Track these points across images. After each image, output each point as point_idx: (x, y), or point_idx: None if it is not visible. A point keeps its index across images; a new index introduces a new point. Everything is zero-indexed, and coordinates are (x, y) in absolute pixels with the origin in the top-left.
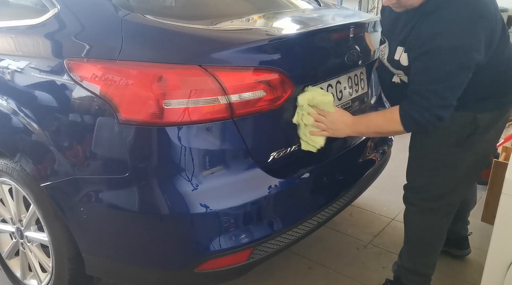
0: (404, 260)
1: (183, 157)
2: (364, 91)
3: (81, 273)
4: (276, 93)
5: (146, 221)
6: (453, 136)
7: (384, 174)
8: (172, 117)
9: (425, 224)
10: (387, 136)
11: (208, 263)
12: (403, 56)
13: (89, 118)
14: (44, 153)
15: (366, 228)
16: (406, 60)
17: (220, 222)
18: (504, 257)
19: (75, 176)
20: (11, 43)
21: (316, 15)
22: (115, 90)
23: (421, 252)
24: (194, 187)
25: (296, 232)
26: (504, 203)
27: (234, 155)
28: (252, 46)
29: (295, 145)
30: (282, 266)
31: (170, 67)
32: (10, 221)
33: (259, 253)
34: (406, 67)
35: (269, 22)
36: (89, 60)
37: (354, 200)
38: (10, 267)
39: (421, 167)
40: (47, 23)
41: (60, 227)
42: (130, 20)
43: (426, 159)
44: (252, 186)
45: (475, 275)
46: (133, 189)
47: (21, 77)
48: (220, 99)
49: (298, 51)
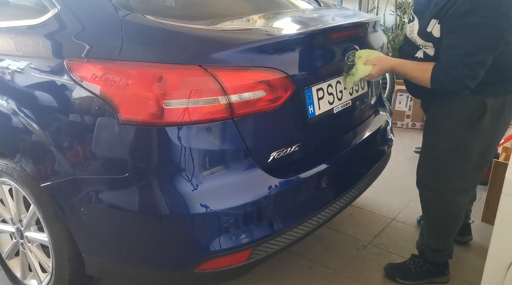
0: (426, 238)
1: (183, 157)
2: (364, 91)
3: (81, 273)
4: (276, 93)
5: (146, 221)
6: (464, 119)
7: (384, 174)
8: (172, 117)
9: (442, 209)
10: (389, 135)
11: (208, 263)
12: (435, 28)
13: (89, 118)
14: (44, 153)
15: (366, 228)
16: (438, 32)
17: (220, 222)
18: (504, 257)
19: (75, 176)
20: (11, 43)
21: (316, 15)
22: (115, 90)
23: (438, 233)
24: (194, 187)
25: (296, 232)
26: (504, 203)
27: (234, 155)
28: (252, 46)
29: (295, 144)
30: (282, 266)
31: (170, 67)
32: (10, 221)
33: (259, 253)
34: (437, 39)
35: (269, 22)
36: (89, 60)
37: (354, 200)
38: (10, 267)
39: (434, 148)
40: (47, 23)
41: (60, 227)
42: (130, 20)
43: (440, 140)
44: (252, 186)
45: (475, 275)
46: (133, 189)
47: (21, 78)
48: (220, 100)
49: (298, 51)
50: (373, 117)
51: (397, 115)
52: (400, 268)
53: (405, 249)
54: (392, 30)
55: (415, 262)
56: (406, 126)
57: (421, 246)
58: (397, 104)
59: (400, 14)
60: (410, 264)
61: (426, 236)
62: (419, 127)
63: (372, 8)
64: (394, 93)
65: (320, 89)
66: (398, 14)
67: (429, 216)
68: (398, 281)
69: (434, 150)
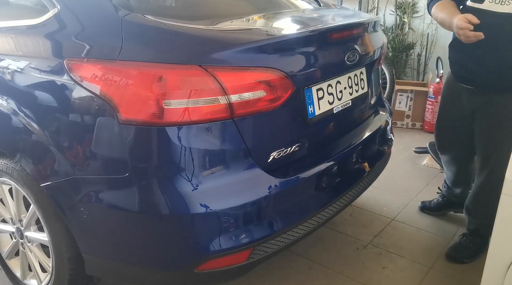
0: (483, 218)
1: (183, 157)
2: (364, 91)
3: (81, 273)
4: (276, 93)
5: (146, 221)
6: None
7: (384, 174)
8: (172, 117)
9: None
10: (389, 135)
11: (208, 263)
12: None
13: (89, 118)
14: (44, 153)
15: (366, 228)
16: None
17: (220, 222)
18: (504, 257)
19: (75, 176)
20: (11, 43)
21: (316, 15)
22: (115, 90)
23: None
24: (194, 187)
25: (296, 232)
26: (504, 203)
27: (234, 155)
28: (252, 46)
29: (295, 144)
30: (282, 266)
31: (170, 67)
32: (10, 221)
33: (259, 253)
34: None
35: (269, 22)
36: (89, 60)
37: (354, 200)
38: (10, 267)
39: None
40: (47, 23)
41: (60, 227)
42: (130, 20)
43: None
44: (252, 186)
45: (475, 275)
46: (133, 189)
47: (21, 77)
48: (220, 100)
49: (298, 51)
50: (373, 117)
51: (397, 115)
52: (461, 250)
53: (405, 249)
54: (392, 30)
55: (470, 240)
56: (406, 126)
57: (477, 226)
58: (397, 104)
59: (400, 14)
60: (466, 242)
61: (483, 216)
62: (419, 127)
63: (372, 8)
64: (394, 93)
65: (320, 89)
66: (398, 14)
67: (493, 198)
68: (465, 262)
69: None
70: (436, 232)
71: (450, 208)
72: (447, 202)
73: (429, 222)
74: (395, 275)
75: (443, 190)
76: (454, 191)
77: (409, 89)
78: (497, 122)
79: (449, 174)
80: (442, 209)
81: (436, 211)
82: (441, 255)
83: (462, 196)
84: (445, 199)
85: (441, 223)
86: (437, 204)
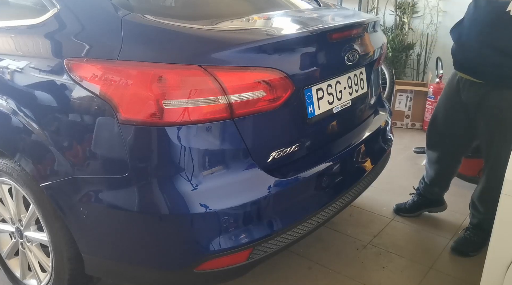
0: (487, 213)
1: (182, 157)
2: (364, 91)
3: (80, 273)
4: (276, 93)
5: (146, 221)
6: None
7: (384, 174)
8: (172, 117)
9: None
10: (389, 135)
11: (208, 263)
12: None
13: (88, 118)
14: (44, 152)
15: (366, 228)
16: None
17: (219, 222)
18: (504, 257)
19: (75, 176)
20: (11, 43)
21: (316, 15)
22: (115, 90)
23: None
24: (193, 187)
25: (295, 232)
26: (504, 203)
27: (234, 155)
28: (252, 46)
29: (294, 144)
30: (282, 266)
31: (170, 67)
32: (10, 221)
33: (258, 253)
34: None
35: (269, 22)
36: (89, 60)
37: (354, 200)
38: (9, 267)
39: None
40: (47, 23)
41: (60, 227)
42: (130, 20)
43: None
44: (251, 186)
45: (474, 275)
46: (132, 189)
47: (21, 77)
48: (220, 99)
49: (297, 51)
50: (372, 117)
51: (397, 115)
52: (466, 243)
53: (405, 249)
54: (392, 30)
55: (474, 234)
56: (406, 126)
57: (480, 220)
58: (397, 104)
59: (400, 14)
60: (470, 236)
61: (488, 211)
62: (418, 127)
63: (372, 8)
64: (394, 93)
65: (320, 89)
66: (398, 14)
67: (497, 194)
68: (471, 255)
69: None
70: (436, 232)
71: (426, 207)
72: (423, 200)
73: (429, 222)
74: (394, 275)
75: (420, 187)
76: (432, 189)
77: (409, 89)
78: (497, 114)
79: (430, 172)
80: (419, 208)
81: (412, 212)
82: (441, 255)
83: (439, 195)
84: (421, 197)
85: (441, 223)
86: (413, 203)
